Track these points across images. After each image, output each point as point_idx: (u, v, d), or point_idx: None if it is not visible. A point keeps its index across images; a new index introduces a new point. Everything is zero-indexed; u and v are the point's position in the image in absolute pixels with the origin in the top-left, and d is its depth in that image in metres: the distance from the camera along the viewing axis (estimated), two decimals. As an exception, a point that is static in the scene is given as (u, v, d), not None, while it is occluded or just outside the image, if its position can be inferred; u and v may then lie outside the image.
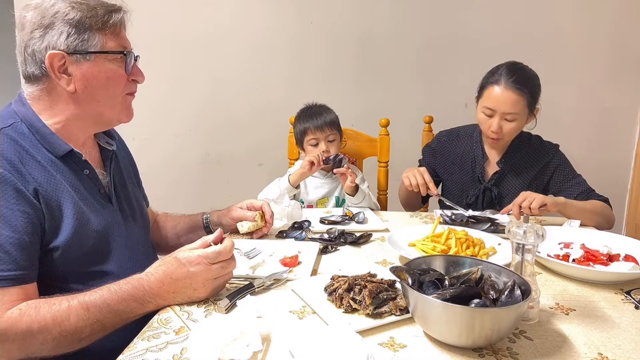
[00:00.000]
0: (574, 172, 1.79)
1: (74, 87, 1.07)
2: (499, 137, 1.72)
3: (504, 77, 1.66)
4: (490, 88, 1.69)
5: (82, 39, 1.04)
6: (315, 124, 1.88)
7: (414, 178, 1.70)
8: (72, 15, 1.03)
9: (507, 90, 1.65)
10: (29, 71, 1.06)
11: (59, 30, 1.03)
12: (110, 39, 1.08)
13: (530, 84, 1.68)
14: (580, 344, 0.89)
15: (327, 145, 1.88)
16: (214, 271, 0.99)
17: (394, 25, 2.78)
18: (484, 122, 1.73)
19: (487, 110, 1.70)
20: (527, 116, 1.72)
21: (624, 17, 2.72)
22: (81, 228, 1.06)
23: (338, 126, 1.93)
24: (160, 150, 2.91)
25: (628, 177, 2.92)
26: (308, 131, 1.89)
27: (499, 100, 1.66)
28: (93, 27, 1.05)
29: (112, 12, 1.08)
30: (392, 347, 0.87)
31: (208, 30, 2.81)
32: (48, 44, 1.03)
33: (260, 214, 1.41)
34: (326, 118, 1.89)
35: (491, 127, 1.69)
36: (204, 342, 0.85)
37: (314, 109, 1.94)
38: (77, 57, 1.05)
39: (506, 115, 1.67)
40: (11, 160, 1.00)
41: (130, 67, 1.14)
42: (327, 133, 1.88)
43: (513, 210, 1.54)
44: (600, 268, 1.21)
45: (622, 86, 2.79)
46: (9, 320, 0.91)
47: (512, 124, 1.69)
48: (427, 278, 0.94)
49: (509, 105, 1.66)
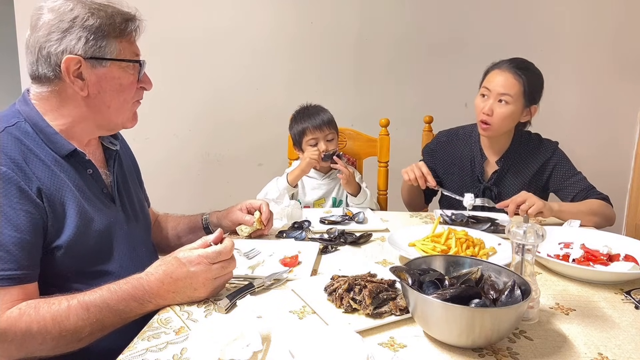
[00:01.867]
0: (573, 169, 1.79)
1: (87, 92, 1.08)
2: (489, 122, 1.71)
3: (506, 62, 1.73)
4: (492, 72, 1.75)
5: (100, 45, 1.06)
6: (313, 124, 1.89)
7: (412, 172, 1.73)
8: (91, 21, 1.04)
9: (506, 72, 1.70)
10: (41, 72, 1.06)
11: (77, 35, 1.04)
12: (125, 47, 1.10)
13: (529, 73, 1.70)
14: (580, 344, 0.89)
15: (326, 144, 1.90)
16: (214, 271, 1.00)
17: (394, 25, 2.78)
18: (479, 105, 1.75)
19: (484, 90, 1.74)
20: (522, 109, 1.72)
21: (624, 18, 2.72)
22: (84, 227, 1.07)
23: (335, 125, 1.95)
24: (161, 150, 2.91)
25: (628, 178, 2.92)
26: (307, 131, 1.90)
27: (496, 80, 1.71)
28: (110, 35, 1.07)
29: (128, 20, 1.10)
30: (392, 347, 0.87)
31: (208, 31, 2.81)
32: (65, 48, 1.03)
33: (259, 218, 1.41)
34: (324, 117, 1.91)
35: (483, 109, 1.71)
36: (204, 342, 0.85)
37: (310, 109, 1.95)
38: (93, 63, 1.06)
39: (500, 97, 1.69)
40: (15, 159, 1.00)
41: (142, 74, 1.16)
42: (326, 132, 1.90)
43: (509, 207, 1.54)
44: (600, 268, 1.21)
45: (622, 86, 2.79)
46: (9, 319, 0.91)
47: (504, 108, 1.69)
48: (427, 278, 0.94)
49: (504, 86, 1.68)
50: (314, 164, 1.87)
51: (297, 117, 1.96)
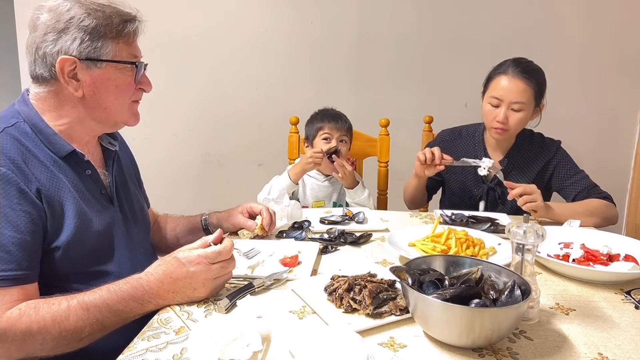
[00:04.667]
0: (575, 168, 1.79)
1: (82, 93, 1.07)
2: (505, 128, 1.70)
3: (512, 67, 1.69)
4: (498, 78, 1.71)
5: (95, 46, 1.05)
6: (333, 122, 1.95)
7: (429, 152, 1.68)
8: (87, 22, 1.03)
9: (515, 79, 1.67)
10: (38, 72, 1.06)
11: (72, 36, 1.03)
12: (122, 48, 1.09)
13: (536, 75, 1.70)
14: (580, 344, 0.89)
15: (338, 145, 1.92)
16: (214, 271, 1.00)
17: (394, 25, 2.78)
18: (490, 113, 1.72)
19: (493, 100, 1.70)
20: (533, 110, 1.72)
21: (624, 18, 2.72)
22: (82, 228, 1.07)
23: (351, 133, 2.01)
24: (161, 150, 2.91)
25: (628, 178, 2.91)
26: (325, 126, 1.94)
27: (506, 89, 1.68)
28: (107, 36, 1.06)
29: (127, 21, 1.09)
30: (392, 347, 0.87)
31: (208, 31, 2.81)
32: (60, 49, 1.03)
33: (261, 225, 1.40)
34: (344, 122, 1.97)
35: (497, 117, 1.69)
36: (204, 342, 0.85)
37: (334, 112, 2.01)
38: (88, 64, 1.06)
39: (513, 105, 1.67)
40: (14, 159, 1.00)
41: (140, 76, 1.14)
42: (342, 133, 1.95)
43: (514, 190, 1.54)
44: (600, 268, 1.21)
45: (622, 86, 2.79)
46: (9, 320, 0.91)
47: (518, 114, 1.68)
48: (427, 278, 0.94)
49: (516, 93, 1.66)
50: (314, 164, 1.86)
51: (319, 114, 2.00)
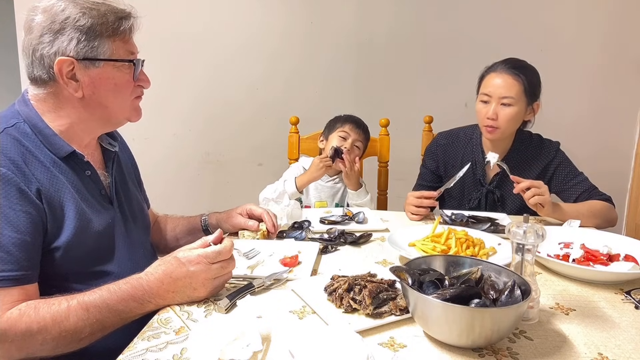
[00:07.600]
0: (575, 170, 1.78)
1: (81, 93, 1.07)
2: (495, 125, 1.70)
3: (500, 64, 1.73)
4: (488, 77, 1.74)
5: (92, 46, 1.04)
6: (355, 125, 1.99)
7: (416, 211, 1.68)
8: (83, 21, 1.03)
9: (503, 74, 1.70)
10: (36, 74, 1.06)
11: (69, 37, 1.03)
12: (119, 46, 1.09)
13: (526, 72, 1.70)
14: (580, 344, 0.89)
15: (351, 147, 1.95)
16: (214, 271, 1.00)
17: (394, 25, 2.78)
18: (481, 111, 1.74)
19: (483, 97, 1.73)
20: (526, 107, 1.72)
21: (624, 18, 2.72)
22: (82, 229, 1.07)
23: (367, 142, 2.05)
24: (160, 150, 2.91)
25: (628, 178, 2.91)
26: (346, 125, 1.98)
27: (495, 84, 1.70)
28: (103, 34, 1.05)
29: (122, 19, 1.09)
30: (392, 347, 0.87)
31: (208, 30, 2.81)
32: (57, 50, 1.02)
33: (264, 232, 1.39)
34: (365, 131, 2.02)
35: (487, 114, 1.70)
36: (204, 342, 0.85)
37: (359, 119, 2.05)
38: (86, 64, 1.05)
39: (502, 100, 1.68)
40: (14, 160, 1.00)
41: (138, 73, 1.14)
42: (359, 137, 1.98)
43: (521, 184, 1.54)
44: (600, 268, 1.21)
45: (621, 86, 2.79)
46: (9, 320, 0.91)
47: (508, 109, 1.68)
48: (427, 278, 0.94)
49: (504, 88, 1.68)
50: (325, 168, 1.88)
51: (344, 116, 2.04)
